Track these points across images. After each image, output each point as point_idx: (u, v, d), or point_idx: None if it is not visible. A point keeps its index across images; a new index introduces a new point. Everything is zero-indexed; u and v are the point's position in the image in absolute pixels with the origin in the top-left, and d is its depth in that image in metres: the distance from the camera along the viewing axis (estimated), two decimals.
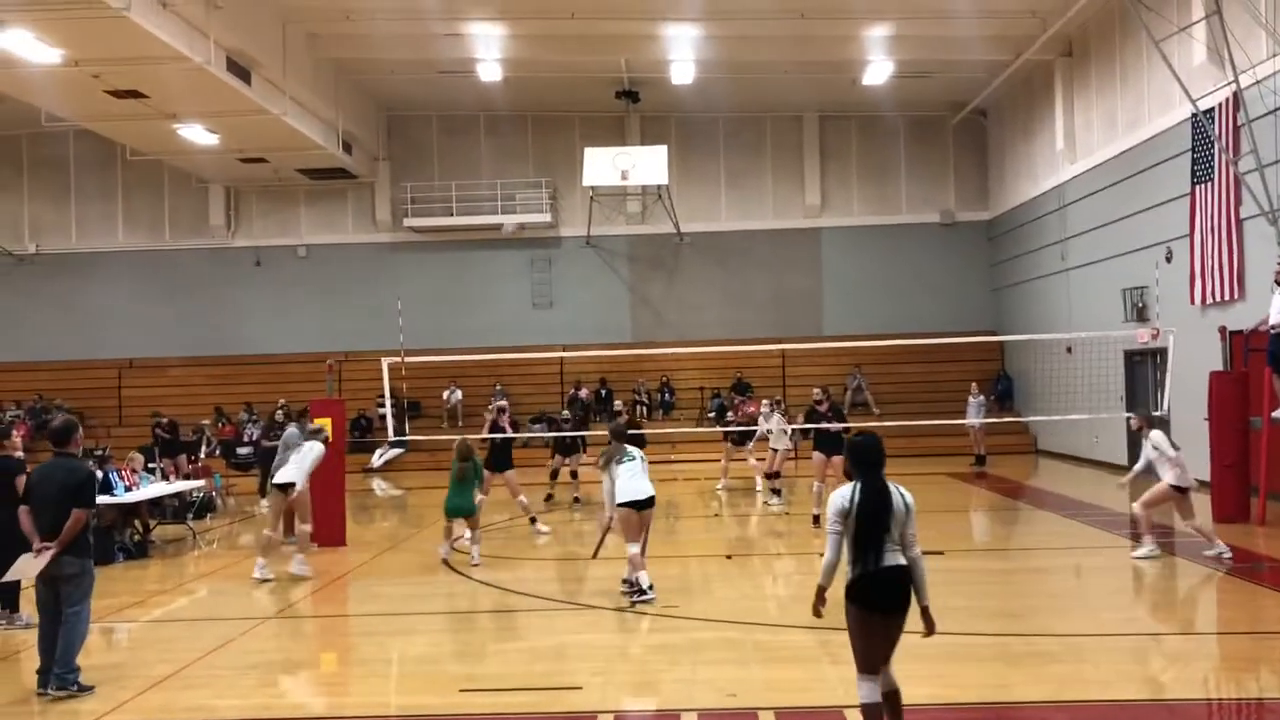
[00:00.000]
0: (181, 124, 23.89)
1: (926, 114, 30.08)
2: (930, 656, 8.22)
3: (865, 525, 5.64)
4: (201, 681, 8.00)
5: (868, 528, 5.64)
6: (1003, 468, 23.11)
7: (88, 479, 7.99)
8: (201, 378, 30.20)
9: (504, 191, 30.23)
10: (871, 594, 5.66)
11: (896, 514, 5.68)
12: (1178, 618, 9.94)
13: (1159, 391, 18.04)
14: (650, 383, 29.45)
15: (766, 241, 30.57)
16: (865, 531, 5.64)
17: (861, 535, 5.64)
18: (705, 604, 10.32)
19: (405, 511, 20.56)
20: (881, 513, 5.65)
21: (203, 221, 31.18)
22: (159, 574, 13.17)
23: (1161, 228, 19.42)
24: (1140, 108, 20.47)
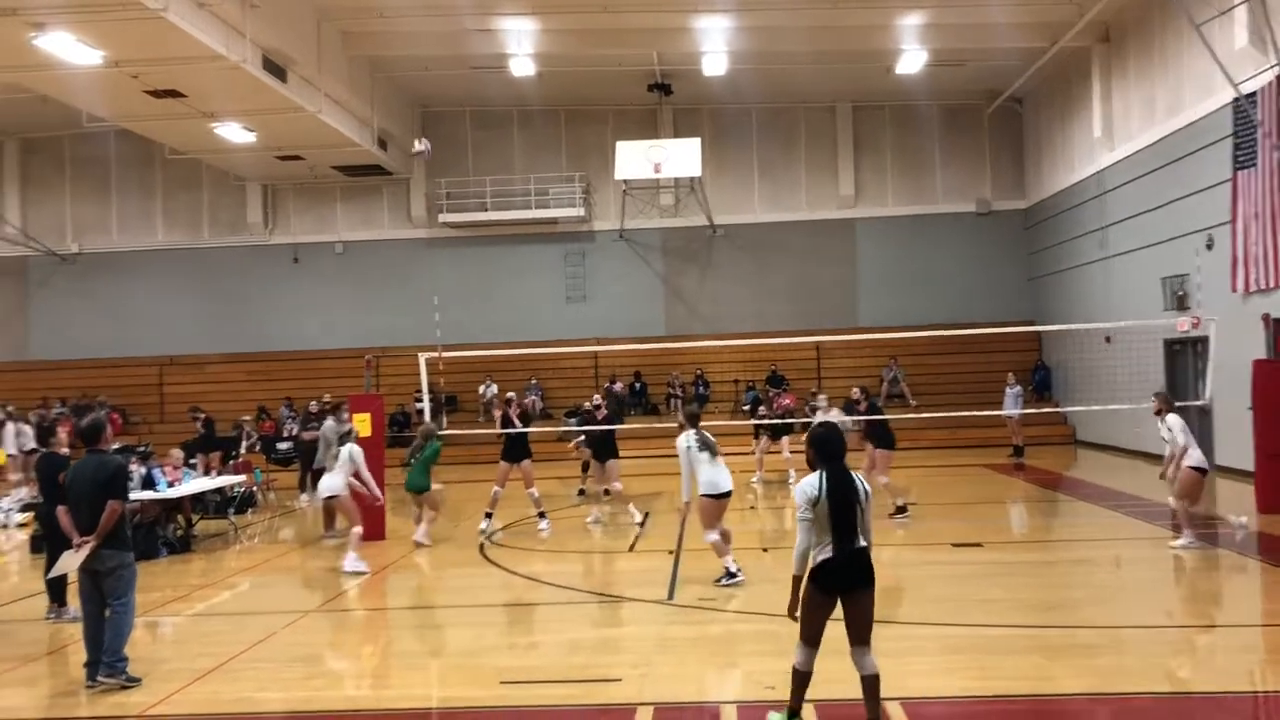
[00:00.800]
0: (219, 123, 24.16)
1: (961, 102, 29.83)
2: (969, 648, 8.21)
3: (838, 511, 5.98)
4: (245, 674, 8.12)
5: (840, 513, 5.98)
6: (1041, 459, 22.91)
7: (119, 471, 8.13)
8: (241, 374, 30.57)
9: (537, 186, 30.34)
10: (838, 576, 6.01)
11: (861, 501, 6.05)
12: (1220, 610, 9.83)
13: (1200, 381, 17.83)
14: (684, 376, 29.45)
15: (800, 233, 30.45)
16: (838, 517, 5.98)
17: (835, 521, 5.98)
18: (743, 597, 10.32)
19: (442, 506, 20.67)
20: (851, 499, 6.00)
21: (241, 219, 31.53)
22: (201, 568, 13.35)
23: (1202, 214, 19.15)
24: (1180, 93, 20.19)
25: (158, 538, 14.11)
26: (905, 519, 14.67)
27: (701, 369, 29.60)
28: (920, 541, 13.34)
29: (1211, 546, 12.10)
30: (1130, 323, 20.60)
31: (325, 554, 13.93)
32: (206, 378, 30.91)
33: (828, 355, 29.49)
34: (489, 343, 27.76)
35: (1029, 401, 24.90)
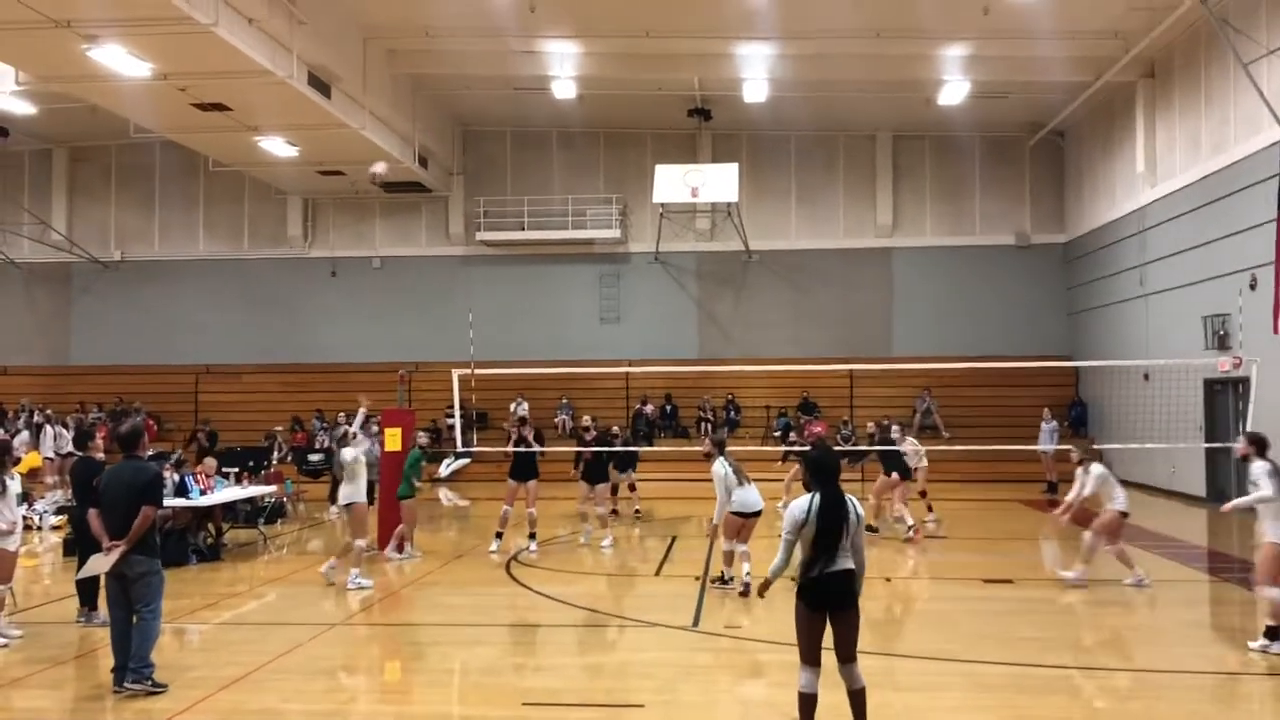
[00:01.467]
0: (263, 136, 24.47)
1: (1003, 134, 29.69)
2: (1000, 687, 8.10)
3: (824, 533, 6.20)
4: (270, 685, 8.14)
5: (826, 536, 6.20)
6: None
7: (154, 478, 8.21)
8: (275, 384, 30.84)
9: (575, 207, 30.48)
10: (821, 595, 6.22)
11: (850, 523, 6.23)
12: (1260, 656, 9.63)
13: (1240, 422, 17.56)
14: (716, 400, 29.38)
15: (836, 260, 30.37)
16: (824, 539, 6.20)
17: (820, 542, 6.20)
18: (769, 625, 10.24)
19: (470, 521, 20.72)
20: (840, 522, 6.20)
21: (281, 231, 31.88)
22: (230, 577, 13.43)
23: (1245, 254, 18.92)
24: (1225, 130, 20.00)
25: (188, 545, 14.23)
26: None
27: (733, 394, 29.52)
28: (952, 576, 13.20)
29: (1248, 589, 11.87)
30: (1170, 361, 20.35)
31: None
32: (241, 387, 31.21)
33: (861, 384, 29.32)
34: (522, 360, 27.90)
35: (1064, 437, 24.60)
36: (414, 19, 22.85)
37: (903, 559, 14.68)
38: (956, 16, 21.74)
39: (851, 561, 6.26)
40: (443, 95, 28.36)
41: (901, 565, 14.26)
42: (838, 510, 6.21)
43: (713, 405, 29.15)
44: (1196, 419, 20.82)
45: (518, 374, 26.32)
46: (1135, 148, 23.91)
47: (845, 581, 6.24)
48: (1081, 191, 28.38)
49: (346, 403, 26.59)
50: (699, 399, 29.33)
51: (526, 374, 26.82)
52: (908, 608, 11.68)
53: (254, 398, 30.61)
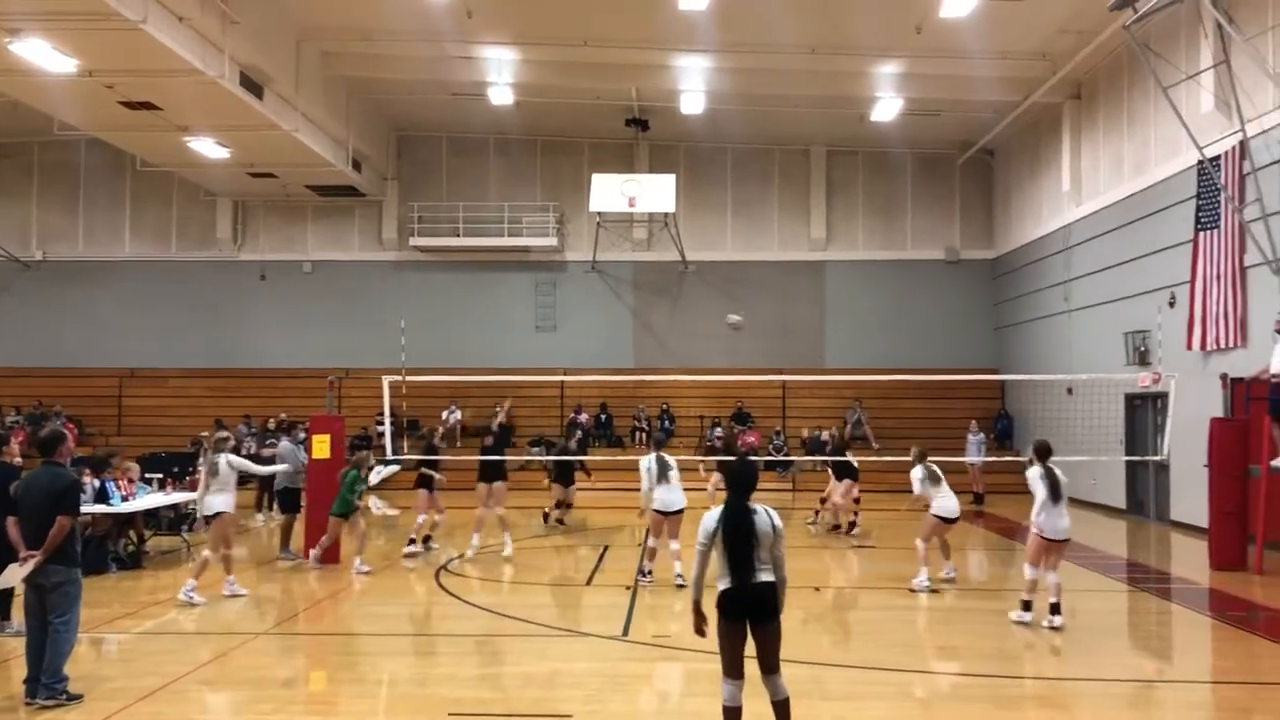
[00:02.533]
0: (193, 137, 24.03)
1: (934, 151, 30.24)
2: (925, 696, 8.21)
3: (730, 544, 6.17)
4: (191, 696, 7.97)
5: (733, 546, 6.17)
6: (1001, 507, 23.05)
7: (72, 486, 7.99)
8: (202, 389, 30.26)
9: (511, 214, 30.39)
10: (738, 607, 6.18)
11: (762, 534, 6.19)
12: (1172, 665, 9.90)
13: (1159, 436, 18.05)
14: (650, 409, 29.45)
15: (771, 273, 30.65)
16: (731, 550, 6.17)
17: (728, 553, 6.18)
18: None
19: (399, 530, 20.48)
20: (745, 532, 6.15)
21: (210, 234, 31.31)
22: (152, 585, 13.14)
23: (1165, 272, 19.47)
24: (1147, 152, 20.57)
25: (108, 552, 13.89)
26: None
27: (668, 403, 29.62)
28: (879, 585, 13.36)
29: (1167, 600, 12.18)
30: (1092, 375, 20.85)
31: (279, 575, 13.75)
32: (167, 392, 30.57)
33: (794, 395, 29.61)
34: (455, 368, 27.70)
35: (991, 449, 25.08)
36: (350, 21, 22.64)
37: (831, 568, 14.82)
38: (890, 34, 22.11)
39: (771, 574, 6.23)
40: (378, 99, 28.11)
41: (830, 574, 14.41)
42: (742, 520, 6.17)
43: (648, 415, 29.21)
44: (1117, 432, 21.35)
45: (451, 382, 26.10)
46: (1061, 167, 24.50)
47: (763, 593, 6.19)
48: (1010, 209, 28.99)
49: (275, 409, 26.25)
50: (634, 408, 29.38)
51: (460, 382, 26.62)
52: (836, 617, 11.80)
53: (180, 402, 30.00)
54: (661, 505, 12.76)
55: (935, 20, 20.68)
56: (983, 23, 20.78)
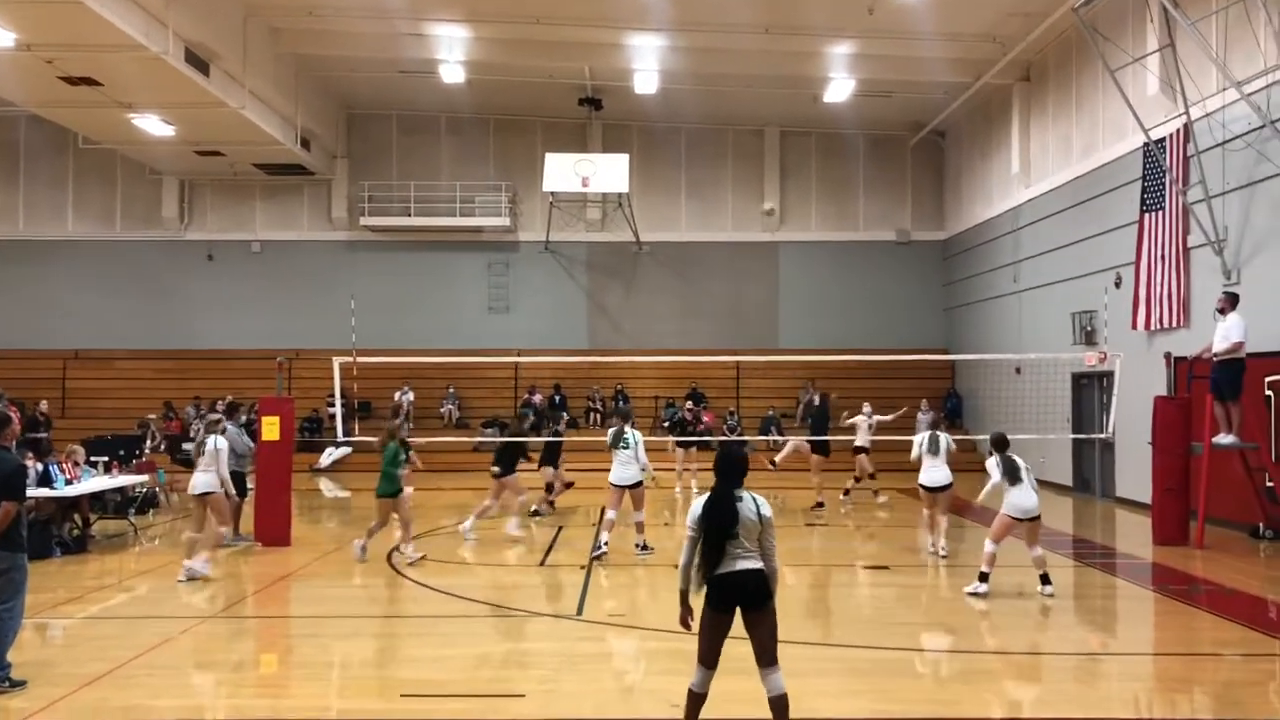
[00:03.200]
0: (137, 114, 23.56)
1: (886, 133, 30.41)
2: (872, 671, 8.31)
3: (710, 532, 5.99)
4: (138, 681, 7.86)
5: (713, 534, 5.98)
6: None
7: (16, 471, 7.81)
8: (149, 371, 29.82)
9: (463, 194, 30.15)
10: (722, 594, 6.00)
11: (746, 523, 6.00)
12: (1116, 638, 10.09)
13: (1105, 415, 18.35)
14: (605, 390, 29.44)
15: (725, 253, 30.70)
16: (710, 537, 5.99)
17: (707, 541, 6.00)
18: (653, 613, 10.32)
19: (351, 513, 20.34)
20: (726, 520, 5.97)
21: (155, 213, 30.74)
22: (97, 570, 12.94)
23: (1111, 253, 19.76)
24: (1094, 135, 20.83)
25: (52, 537, 13.64)
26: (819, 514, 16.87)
27: (622, 384, 29.62)
28: (830, 563, 13.48)
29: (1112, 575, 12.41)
30: (1040, 355, 21.15)
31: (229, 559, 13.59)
32: (113, 374, 30.07)
33: (747, 375, 29.75)
34: (407, 349, 27.49)
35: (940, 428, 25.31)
36: None
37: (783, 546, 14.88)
38: (843, 15, 22.16)
39: (757, 562, 6.05)
40: (327, 76, 27.72)
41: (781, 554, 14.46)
42: (721, 507, 6.03)
43: (602, 395, 29.21)
44: (1064, 411, 21.68)
45: (403, 363, 25.90)
46: (1011, 149, 24.74)
47: (749, 580, 6.00)
48: (960, 190, 29.25)
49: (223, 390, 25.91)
50: (588, 389, 29.36)
51: (412, 363, 26.41)
52: (788, 594, 11.85)
53: (126, 385, 29.53)
54: (616, 479, 13.21)
55: (888, 1, 20.76)
56: (934, 4, 20.92)
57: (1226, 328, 14.16)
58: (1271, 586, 11.80)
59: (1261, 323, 14.49)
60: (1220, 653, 8.94)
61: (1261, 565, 13.28)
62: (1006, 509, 11.01)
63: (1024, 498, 10.92)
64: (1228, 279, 15.97)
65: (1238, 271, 15.93)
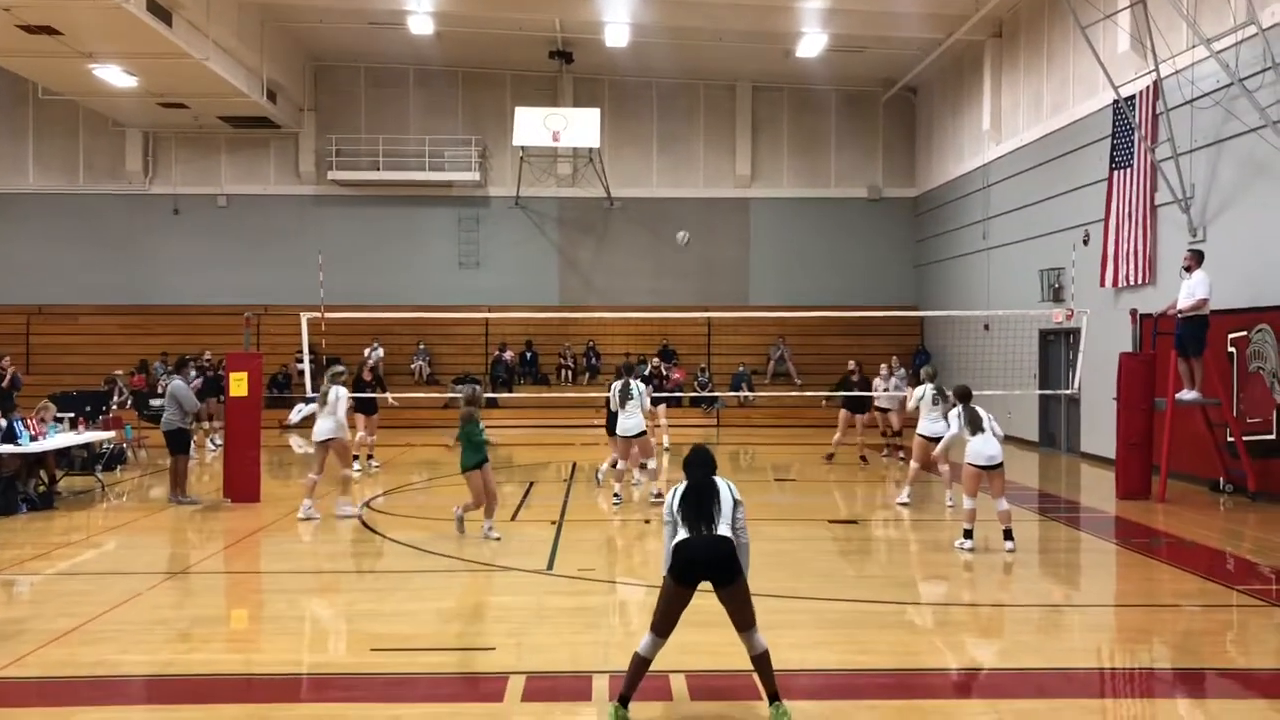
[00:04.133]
0: (98, 64, 23.08)
1: (858, 89, 30.29)
2: (842, 623, 8.42)
3: (687, 511, 6.18)
4: (107, 636, 7.84)
5: (689, 513, 6.17)
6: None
7: None
8: (115, 326, 29.48)
9: (432, 148, 29.82)
10: (685, 565, 6.09)
11: (722, 505, 6.23)
12: (1079, 590, 10.26)
13: (1071, 371, 18.54)
14: (576, 347, 29.41)
15: (696, 210, 30.60)
16: (687, 516, 6.17)
17: (686, 519, 6.17)
18: (624, 566, 10.40)
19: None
20: (703, 501, 6.21)
21: (119, 166, 30.23)
22: (64, 526, 12.86)
23: (1080, 211, 19.87)
24: (1065, 91, 20.86)
25: (18, 493, 13.54)
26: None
27: (594, 340, 29.60)
28: (799, 517, 13.60)
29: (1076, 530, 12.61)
30: (1008, 312, 21.30)
31: (196, 515, 13.54)
32: (77, 329, 29.69)
33: (719, 331, 29.80)
34: (376, 305, 27.31)
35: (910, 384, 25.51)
36: None
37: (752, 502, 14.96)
38: None
39: (729, 533, 6.16)
40: (293, 27, 27.23)
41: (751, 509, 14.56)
42: (698, 492, 6.23)
43: (573, 352, 29.18)
44: (1031, 367, 21.88)
45: (372, 318, 25.73)
46: (982, 105, 24.74)
47: (714, 547, 6.07)
48: (931, 147, 29.25)
49: (191, 346, 25.69)
50: (560, 346, 29.32)
51: (381, 318, 26.25)
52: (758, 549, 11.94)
53: (92, 340, 29.19)
54: (624, 430, 13.96)
55: None
56: None
57: (1191, 285, 14.30)
58: (1230, 539, 12.03)
59: (1226, 280, 14.65)
60: (1179, 604, 9.12)
61: (1221, 519, 13.52)
62: (970, 458, 11.12)
63: (986, 445, 11.01)
64: (1194, 236, 16.11)
65: (1204, 229, 16.07)
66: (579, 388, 28.13)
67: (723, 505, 6.22)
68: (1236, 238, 15.29)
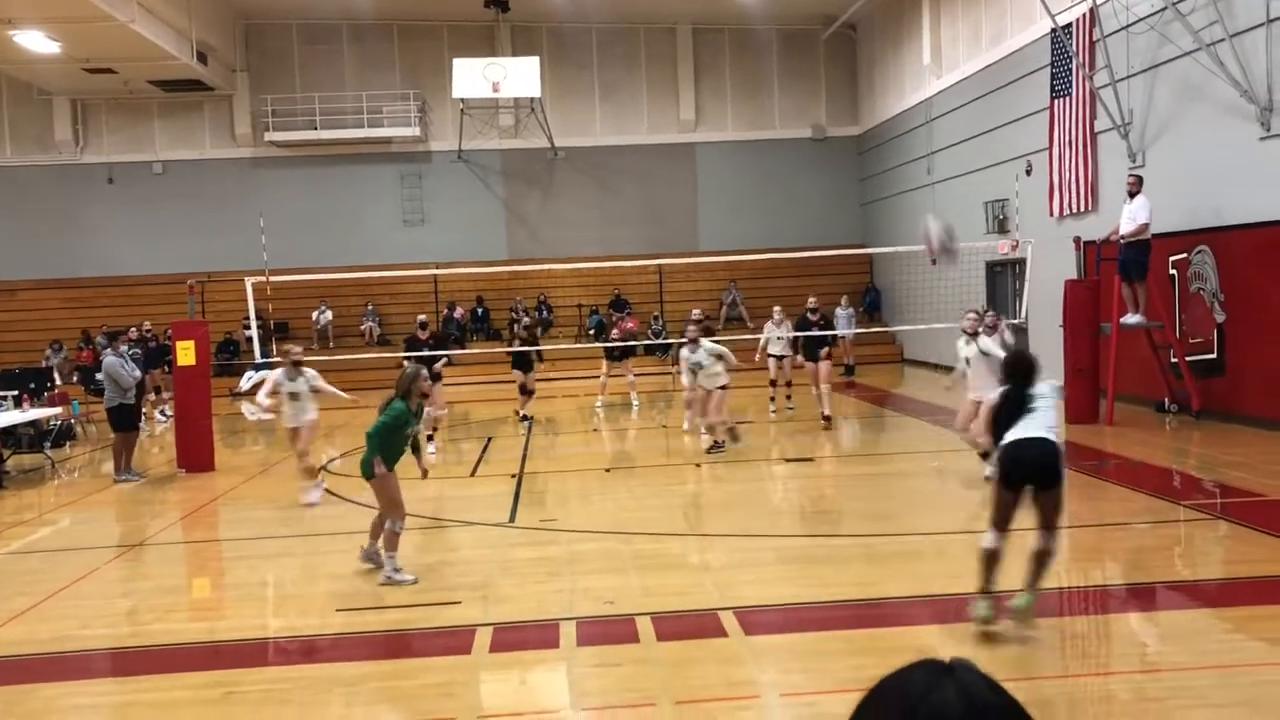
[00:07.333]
0: (17, 30, 22.34)
1: (798, 27, 30.13)
2: (800, 559, 8.53)
3: (1012, 415, 6.49)
4: (66, 612, 7.77)
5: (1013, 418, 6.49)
6: (871, 377, 23.82)
7: None
8: (55, 300, 28.87)
9: (370, 104, 29.30)
10: (1013, 468, 6.42)
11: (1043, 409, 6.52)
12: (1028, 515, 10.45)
13: (1018, 300, 18.77)
14: (527, 300, 29.28)
15: (641, 156, 30.41)
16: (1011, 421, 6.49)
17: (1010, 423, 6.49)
18: (584, 516, 10.45)
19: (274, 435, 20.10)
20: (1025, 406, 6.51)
21: (48, 136, 29.41)
22: (15, 505, 12.66)
23: (1022, 142, 20.00)
24: (1003, 22, 20.90)
25: None
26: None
27: (544, 294, 29.47)
28: (755, 458, 13.72)
29: None
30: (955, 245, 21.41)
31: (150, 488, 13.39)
32: (16, 305, 29.07)
33: (670, 279, 29.77)
34: (322, 266, 26.94)
35: (860, 322, 25.79)
36: None
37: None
38: None
39: (1050, 434, 6.46)
40: None
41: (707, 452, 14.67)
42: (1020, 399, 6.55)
43: (525, 306, 29.05)
44: (980, 299, 22.10)
45: (318, 280, 25.39)
46: (922, 40, 24.72)
47: (1041, 450, 6.39)
48: (874, 84, 29.23)
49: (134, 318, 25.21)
50: (510, 300, 29.16)
51: (328, 279, 25.93)
52: (716, 490, 12.08)
53: (31, 316, 28.60)
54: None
55: None
56: None
57: (1133, 210, 14.50)
58: (1175, 457, 12.34)
59: (1166, 203, 14.85)
60: (1129, 522, 9.34)
61: (1167, 438, 13.84)
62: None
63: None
64: (1133, 162, 16.29)
65: (1143, 154, 16.25)
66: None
67: (1044, 409, 6.47)
68: (1174, 161, 15.48)
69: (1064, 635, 6.72)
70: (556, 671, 6.27)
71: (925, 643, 6.45)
